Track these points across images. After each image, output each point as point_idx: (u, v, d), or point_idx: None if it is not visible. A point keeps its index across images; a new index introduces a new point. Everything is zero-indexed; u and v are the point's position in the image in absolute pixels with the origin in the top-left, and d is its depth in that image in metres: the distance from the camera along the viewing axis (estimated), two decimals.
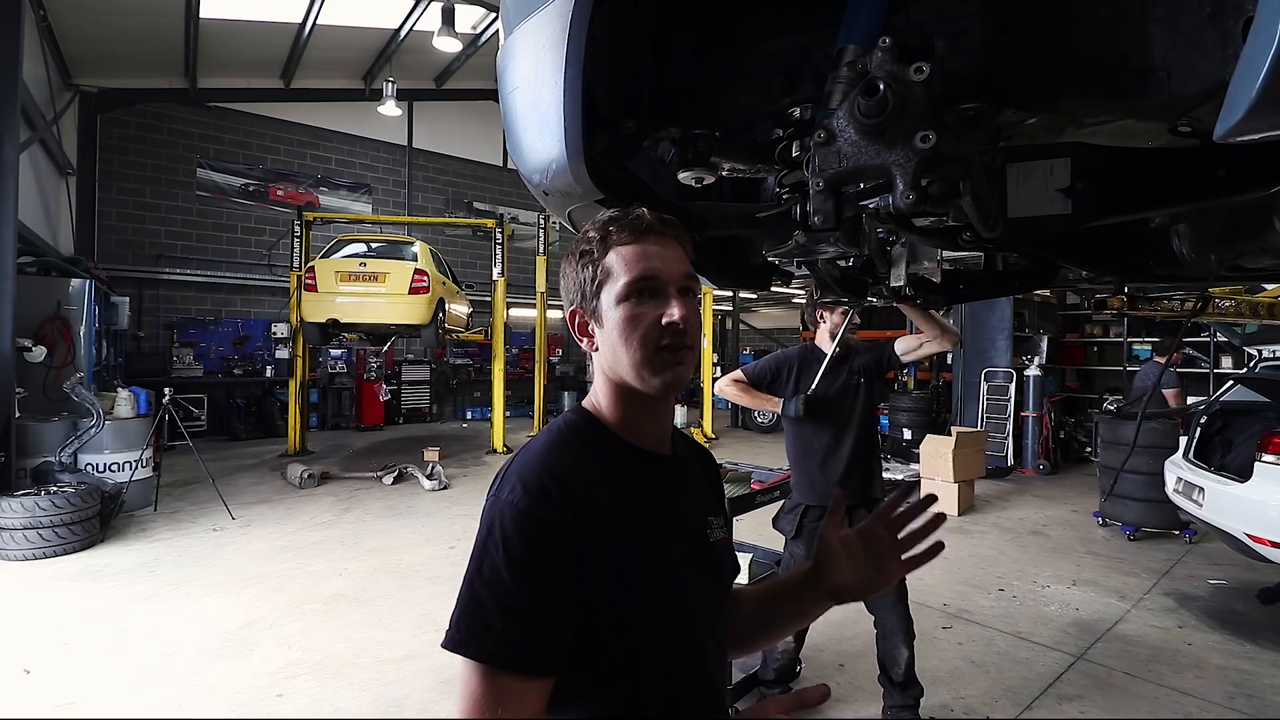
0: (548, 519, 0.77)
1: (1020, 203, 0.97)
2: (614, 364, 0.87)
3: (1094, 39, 0.96)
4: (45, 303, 6.61)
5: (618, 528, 0.81)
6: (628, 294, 0.85)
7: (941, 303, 2.20)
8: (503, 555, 0.75)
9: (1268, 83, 0.60)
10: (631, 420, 0.90)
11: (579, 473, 0.81)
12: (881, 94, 0.80)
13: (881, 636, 2.73)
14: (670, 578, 0.85)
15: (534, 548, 0.76)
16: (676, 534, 0.89)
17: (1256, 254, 1.45)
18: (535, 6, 1.07)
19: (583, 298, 0.88)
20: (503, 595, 0.74)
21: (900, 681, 2.68)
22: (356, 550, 5.03)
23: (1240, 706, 2.98)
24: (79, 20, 8.76)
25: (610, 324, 0.86)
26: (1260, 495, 3.47)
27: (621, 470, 0.87)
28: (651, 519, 0.86)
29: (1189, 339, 8.57)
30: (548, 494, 0.78)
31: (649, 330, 0.84)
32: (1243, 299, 2.77)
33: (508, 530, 0.76)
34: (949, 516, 6.17)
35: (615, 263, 0.86)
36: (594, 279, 0.87)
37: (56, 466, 5.46)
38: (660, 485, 0.90)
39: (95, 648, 3.40)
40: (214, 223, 11.63)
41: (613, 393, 0.90)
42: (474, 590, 0.75)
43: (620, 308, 0.85)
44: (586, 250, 0.88)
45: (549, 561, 0.76)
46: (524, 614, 0.74)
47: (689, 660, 0.86)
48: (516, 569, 0.74)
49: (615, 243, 0.86)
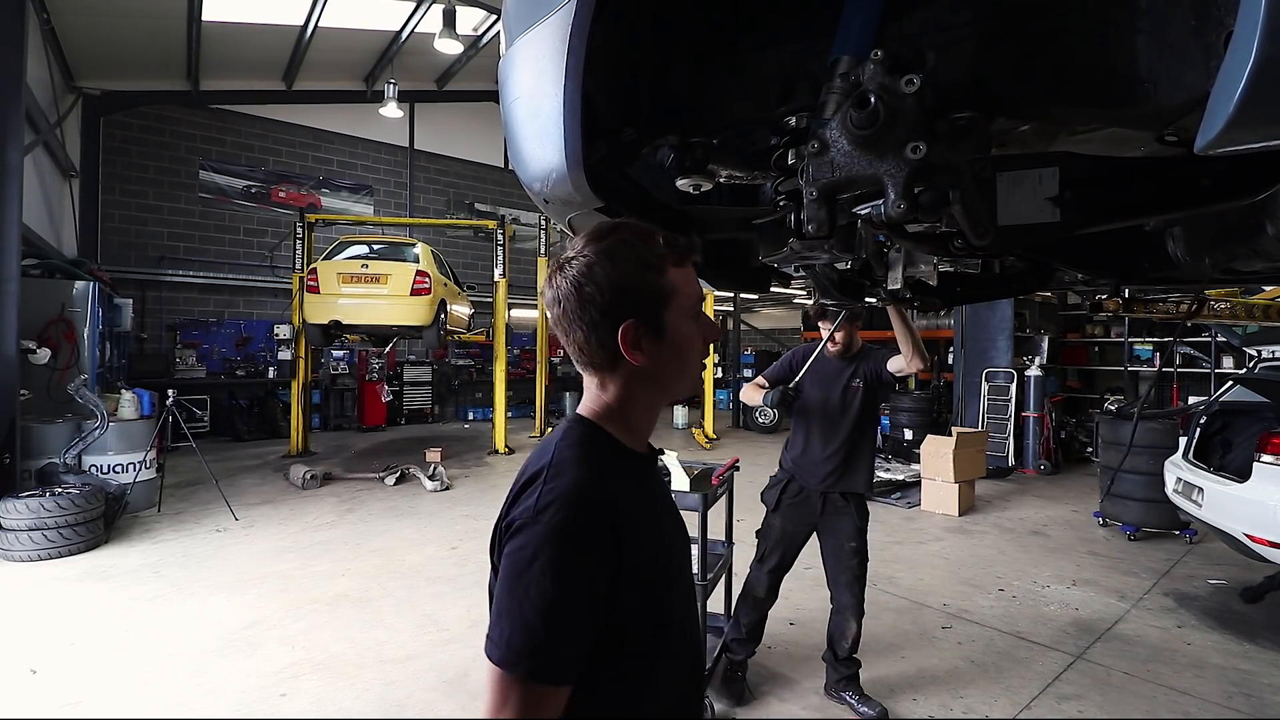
0: (591, 540, 0.81)
1: (1010, 211, 0.99)
2: (665, 376, 0.92)
3: (1083, 50, 0.98)
4: (49, 305, 6.64)
5: (639, 534, 0.86)
6: (695, 312, 0.93)
7: (939, 304, 2.22)
8: (551, 578, 0.78)
9: (1244, 98, 0.62)
10: (638, 427, 0.96)
11: (607, 488, 0.86)
12: (873, 106, 0.82)
13: (835, 612, 2.96)
14: (676, 562, 0.94)
15: (580, 569, 0.80)
16: (669, 519, 0.98)
17: (1249, 257, 1.47)
18: (536, 18, 1.09)
19: (649, 309, 0.89)
20: (551, 616, 0.78)
21: (844, 657, 2.92)
22: (359, 551, 5.06)
23: (1239, 706, 2.99)
24: (82, 23, 8.79)
25: (678, 339, 0.91)
26: (1259, 495, 3.49)
27: (633, 477, 0.92)
28: (657, 519, 0.93)
29: (1190, 340, 8.57)
30: (589, 514, 0.82)
31: (701, 347, 0.95)
32: (1238, 301, 2.78)
33: (554, 553, 0.79)
34: (950, 516, 6.23)
35: (680, 281, 0.91)
36: (661, 292, 0.89)
37: (61, 468, 5.49)
38: (653, 485, 0.99)
39: (100, 648, 3.42)
40: (216, 224, 11.66)
41: (641, 402, 0.94)
42: (523, 610, 0.79)
43: (687, 325, 0.92)
44: (655, 263, 0.89)
45: (592, 580, 0.80)
46: (565, 631, 0.79)
47: (688, 639, 0.95)
48: (566, 585, 0.79)
49: (676, 260, 0.91)
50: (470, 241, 14.56)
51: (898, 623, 3.82)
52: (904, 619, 3.89)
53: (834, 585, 2.94)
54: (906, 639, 3.64)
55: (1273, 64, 0.59)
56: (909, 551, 5.21)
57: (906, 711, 2.91)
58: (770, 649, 3.43)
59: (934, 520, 6.20)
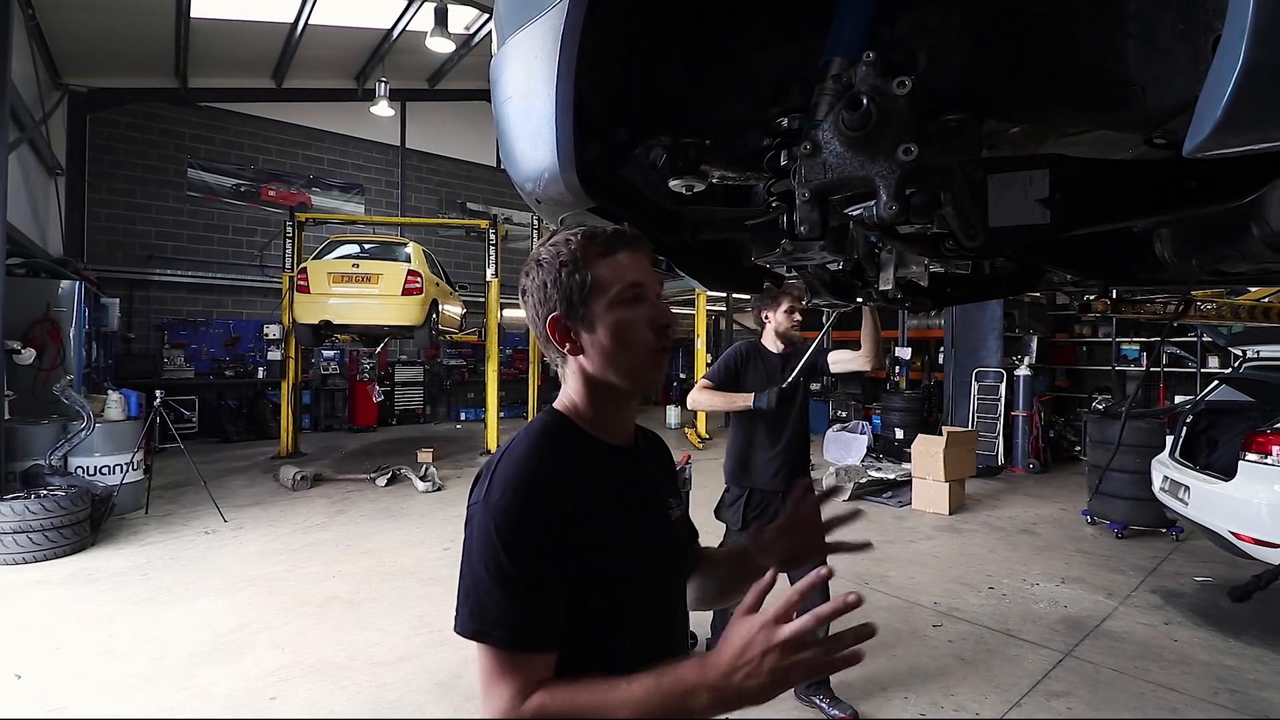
0: (537, 516, 0.85)
1: (1000, 213, 0.99)
2: (605, 367, 0.95)
3: (1073, 53, 0.99)
4: (34, 305, 6.55)
5: (594, 518, 0.89)
6: (623, 300, 0.93)
7: (929, 305, 2.23)
8: (504, 554, 0.82)
9: (1232, 102, 0.62)
10: (604, 419, 0.99)
11: (558, 473, 0.89)
12: (865, 108, 0.82)
13: (803, 610, 2.82)
14: (639, 555, 0.95)
15: (531, 540, 0.84)
16: (642, 518, 1.00)
17: (1235, 259, 1.49)
18: (528, 18, 1.08)
19: (569, 305, 0.94)
20: (510, 586, 0.82)
21: None
22: (350, 552, 5.03)
23: (1224, 701, 3.02)
24: (68, 19, 8.69)
25: (605, 329, 0.93)
26: (1244, 493, 3.53)
27: (595, 466, 0.95)
28: (621, 507, 0.96)
29: (1176, 340, 8.66)
30: (535, 494, 0.86)
31: (644, 333, 0.94)
32: (1224, 302, 2.82)
33: (503, 528, 0.83)
34: (940, 515, 6.27)
35: (606, 272, 0.93)
36: (582, 286, 0.93)
37: (46, 469, 5.42)
38: (627, 476, 1.00)
39: (87, 652, 3.39)
40: (205, 223, 11.56)
41: (593, 394, 0.97)
42: (480, 585, 0.83)
43: (615, 313, 0.93)
44: (569, 260, 0.93)
45: (544, 550, 0.84)
46: (531, 599, 0.83)
47: (655, 622, 0.98)
48: (519, 560, 0.83)
49: (600, 253, 0.94)
50: (462, 241, 14.51)
51: (889, 621, 3.84)
52: (895, 617, 3.91)
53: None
54: (898, 637, 3.66)
55: (1260, 68, 0.60)
56: (900, 550, 5.24)
57: (899, 709, 2.93)
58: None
59: (925, 519, 6.24)
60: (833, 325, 3.01)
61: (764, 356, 3.01)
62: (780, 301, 2.95)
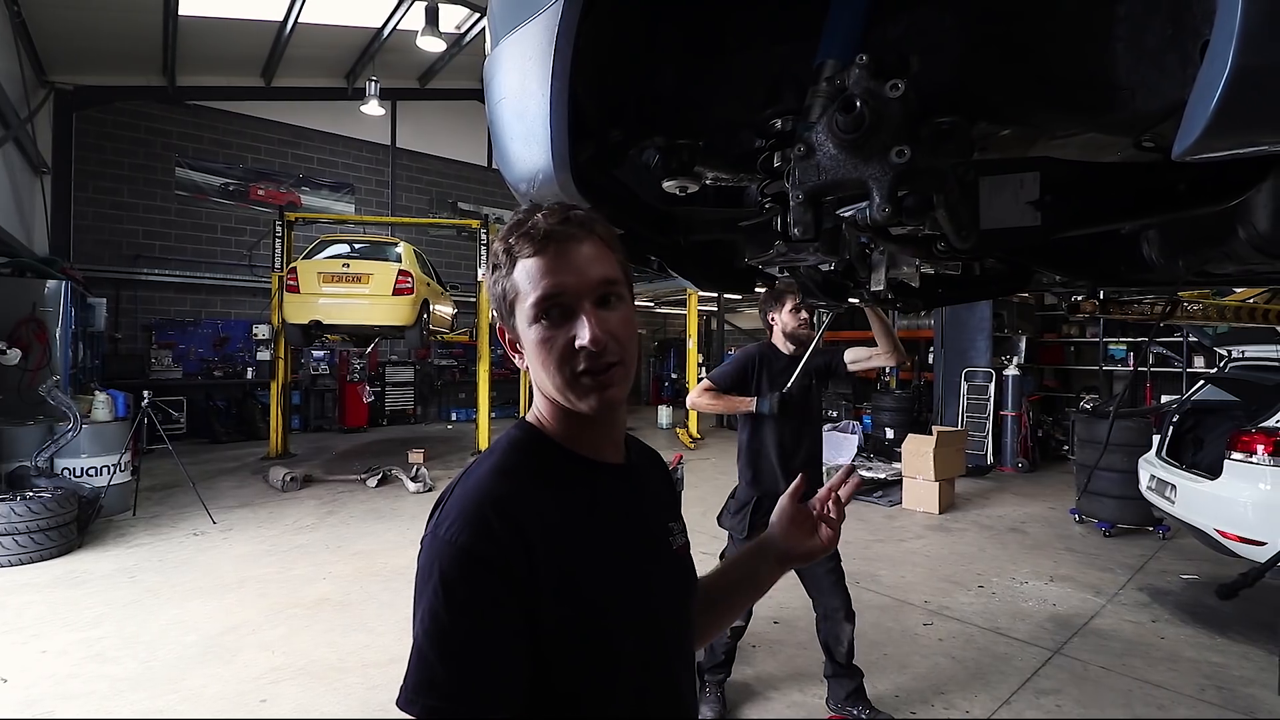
0: (490, 557, 0.70)
1: (992, 215, 1.00)
2: (541, 385, 0.82)
3: (1063, 56, 1.00)
4: (20, 304, 6.47)
5: (573, 550, 0.75)
6: (536, 316, 0.78)
7: (920, 306, 2.24)
8: (443, 601, 0.69)
9: (1220, 106, 0.63)
10: (577, 434, 0.84)
11: (525, 498, 0.75)
12: (858, 111, 0.83)
13: (823, 618, 2.82)
14: (634, 593, 0.80)
15: (478, 590, 0.69)
16: (638, 546, 0.85)
17: (1221, 260, 1.51)
18: (522, 19, 1.08)
19: (501, 316, 0.83)
20: (446, 645, 0.68)
21: (844, 663, 2.80)
22: (340, 554, 5.00)
23: (1211, 698, 3.06)
24: (54, 16, 8.59)
25: (527, 347, 0.80)
26: (1229, 492, 3.57)
27: (573, 486, 0.81)
28: (609, 534, 0.81)
29: (1163, 340, 8.75)
30: (490, 528, 0.71)
31: (563, 355, 0.77)
32: (1210, 302, 2.85)
33: (447, 573, 0.69)
34: (930, 514, 6.31)
35: (522, 279, 0.78)
36: (505, 296, 0.81)
37: (32, 471, 5.35)
38: (616, 496, 0.85)
39: (74, 655, 3.35)
40: (193, 222, 11.46)
41: (553, 409, 0.84)
42: (418, 642, 0.70)
43: (532, 331, 0.78)
44: (496, 265, 0.81)
45: (496, 602, 0.70)
46: (472, 661, 0.68)
47: (658, 677, 0.83)
48: (459, 615, 0.68)
49: (519, 255, 0.79)
50: (453, 241, 14.46)
51: (880, 620, 3.86)
52: (886, 616, 3.93)
53: (816, 591, 2.81)
54: (889, 636, 3.68)
55: (1248, 73, 0.61)
56: (890, 549, 5.27)
57: (889, 708, 2.94)
58: (754, 648, 3.45)
59: (915, 518, 6.27)
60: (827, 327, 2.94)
61: (775, 358, 2.91)
62: (783, 302, 2.86)
